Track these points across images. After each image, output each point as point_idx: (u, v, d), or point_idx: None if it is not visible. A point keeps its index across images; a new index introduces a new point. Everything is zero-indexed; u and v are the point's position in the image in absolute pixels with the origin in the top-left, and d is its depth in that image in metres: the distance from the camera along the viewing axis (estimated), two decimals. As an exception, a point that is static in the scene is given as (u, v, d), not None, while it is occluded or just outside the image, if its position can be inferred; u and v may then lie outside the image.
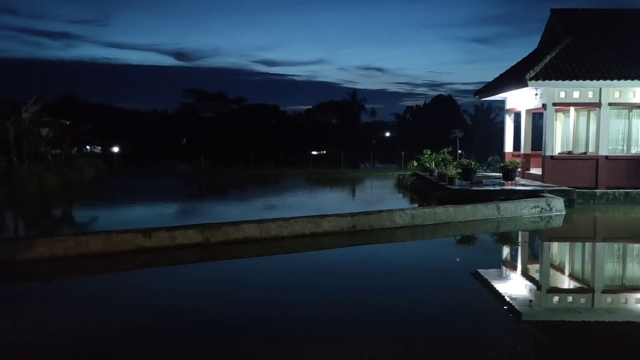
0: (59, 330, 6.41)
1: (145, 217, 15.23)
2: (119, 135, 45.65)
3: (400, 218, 13.48)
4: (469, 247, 12.73)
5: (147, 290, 8.27)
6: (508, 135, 25.95)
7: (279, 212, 15.69)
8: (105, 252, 10.18)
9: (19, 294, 8.47)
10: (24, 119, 24.35)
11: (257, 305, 7.40)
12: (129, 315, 6.97)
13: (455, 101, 64.31)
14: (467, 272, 9.67)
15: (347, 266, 9.95)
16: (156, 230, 10.77)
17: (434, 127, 53.14)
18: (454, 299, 7.71)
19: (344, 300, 7.62)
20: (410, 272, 9.53)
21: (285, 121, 62.90)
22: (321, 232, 12.29)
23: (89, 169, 29.69)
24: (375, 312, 7.08)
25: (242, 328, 6.46)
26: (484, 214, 14.91)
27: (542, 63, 19.64)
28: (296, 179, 31.80)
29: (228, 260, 10.74)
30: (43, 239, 10.04)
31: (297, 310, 7.19)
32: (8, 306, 7.63)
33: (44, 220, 16.61)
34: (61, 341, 6.06)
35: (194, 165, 39.51)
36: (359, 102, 65.55)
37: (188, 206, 19.76)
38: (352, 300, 7.62)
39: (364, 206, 16.69)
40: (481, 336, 6.17)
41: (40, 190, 21.98)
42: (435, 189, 19.30)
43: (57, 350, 5.80)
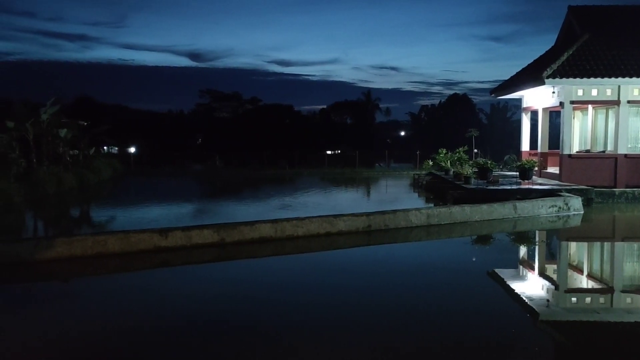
0: (77, 330, 6.48)
1: (161, 217, 15.36)
2: (135, 135, 46.08)
3: (415, 217, 13.42)
4: (485, 246, 12.64)
5: (163, 290, 8.33)
6: (525, 133, 25.71)
7: (294, 211, 15.72)
8: (122, 251, 10.28)
9: (38, 293, 8.59)
10: (43, 121, 24.68)
11: (272, 306, 7.41)
12: (146, 315, 7.04)
13: (471, 100, 64.02)
14: (483, 271, 9.60)
15: (362, 266, 9.94)
16: (172, 230, 10.86)
17: (449, 126, 52.90)
18: (470, 299, 7.66)
19: (359, 300, 7.61)
20: (426, 271, 9.49)
21: (299, 121, 63.02)
22: (336, 231, 12.28)
23: (106, 169, 30.01)
24: (391, 312, 7.06)
25: (256, 329, 6.48)
26: (501, 213, 14.79)
27: (559, 61, 19.44)
28: (311, 179, 31.82)
29: (243, 260, 10.79)
30: (62, 239, 10.16)
31: (312, 311, 7.19)
32: (28, 305, 7.73)
33: (63, 220, 16.82)
34: (79, 340, 6.13)
35: (209, 165, 39.74)
36: (374, 101, 65.47)
37: (203, 206, 19.87)
38: (367, 300, 7.61)
39: (379, 206, 16.65)
40: (498, 337, 6.12)
41: (59, 190, 22.26)
42: (451, 188, 19.19)
43: (74, 350, 5.87)
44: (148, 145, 46.48)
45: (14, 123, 23.07)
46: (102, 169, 29.06)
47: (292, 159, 40.15)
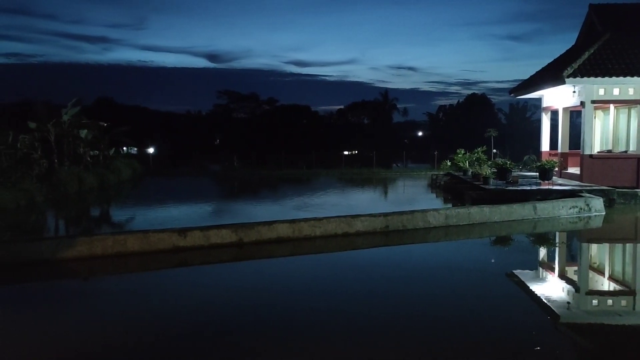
0: (95, 329, 6.56)
1: (180, 217, 15.49)
2: (154, 136, 46.55)
3: (433, 218, 13.35)
4: (504, 248, 12.53)
5: (181, 290, 8.40)
6: (545, 133, 25.40)
7: (312, 212, 15.73)
8: (142, 251, 10.39)
9: (59, 292, 8.72)
10: (64, 121, 25.06)
11: (289, 308, 7.42)
12: (163, 315, 7.10)
13: (489, 100, 63.49)
14: (502, 273, 9.51)
15: (379, 267, 9.91)
16: (191, 230, 10.94)
17: (468, 126, 52.50)
18: (489, 301, 7.60)
19: (376, 301, 7.59)
20: (444, 273, 9.43)
21: (317, 121, 63.05)
22: (354, 232, 12.27)
23: (126, 170, 30.33)
24: (408, 313, 7.03)
25: (272, 331, 6.50)
26: (520, 214, 14.63)
27: (580, 60, 19.17)
28: (328, 179, 31.82)
29: (261, 259, 10.82)
30: (83, 238, 10.31)
31: (329, 313, 7.19)
32: (49, 304, 7.86)
33: (84, 220, 17.05)
34: (97, 339, 6.20)
35: (227, 166, 39.96)
36: (391, 101, 65.21)
37: (221, 206, 19.99)
38: (384, 301, 7.58)
39: (396, 206, 16.59)
40: (518, 339, 6.06)
41: (80, 190, 22.57)
42: (469, 188, 19.04)
43: (91, 348, 5.94)
44: (167, 146, 46.90)
45: (36, 124, 23.47)
46: (121, 169, 29.38)
47: (309, 159, 40.18)
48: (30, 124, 23.31)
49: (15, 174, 18.61)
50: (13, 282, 9.11)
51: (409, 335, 6.18)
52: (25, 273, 9.40)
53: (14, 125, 22.66)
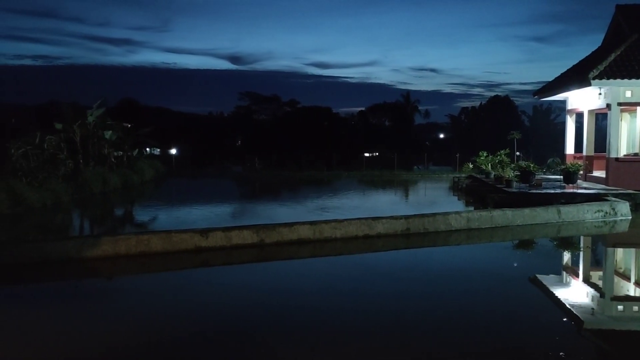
0: (117, 327, 6.66)
1: (202, 217, 15.64)
2: (176, 137, 47.02)
3: (455, 221, 13.25)
4: (527, 251, 12.38)
5: (203, 290, 8.48)
6: (569, 136, 25.03)
7: (332, 213, 15.74)
8: (165, 250, 10.52)
9: (84, 291, 8.88)
10: (89, 123, 25.48)
11: (309, 310, 7.44)
12: (185, 315, 7.18)
13: (513, 102, 62.70)
14: (525, 277, 9.41)
15: (400, 269, 9.88)
16: (213, 231, 11.04)
17: (490, 129, 52.01)
18: (512, 306, 7.52)
19: (397, 305, 7.56)
20: (465, 276, 9.35)
21: (337, 123, 63.02)
22: (375, 234, 12.24)
23: (149, 170, 30.71)
24: (429, 317, 6.99)
25: (291, 332, 6.53)
26: (544, 217, 14.44)
27: (606, 61, 18.85)
28: (349, 181, 31.80)
29: (282, 261, 10.87)
30: (107, 238, 10.47)
31: (349, 315, 7.19)
32: (74, 302, 8.00)
33: (108, 219, 17.32)
34: (118, 338, 6.30)
35: (249, 167, 40.20)
36: (413, 103, 64.90)
37: (243, 207, 20.12)
38: (405, 305, 7.56)
39: (417, 208, 16.51)
40: (541, 344, 5.98)
41: (104, 190, 22.93)
42: (491, 191, 18.86)
43: (113, 347, 6.03)
44: (189, 147, 47.35)
45: (62, 125, 23.92)
46: (145, 170, 29.75)
47: (330, 161, 40.21)
48: (56, 124, 23.77)
49: (42, 174, 18.99)
50: (40, 280, 9.30)
51: (430, 339, 6.15)
52: (52, 271, 9.59)
53: (40, 126, 23.15)
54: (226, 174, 37.62)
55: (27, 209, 16.54)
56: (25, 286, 9.06)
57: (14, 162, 18.95)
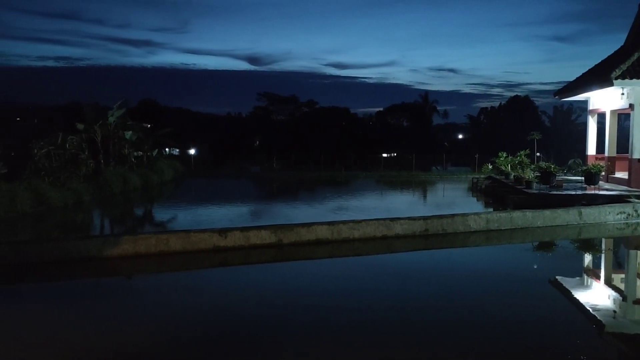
0: (135, 325, 6.74)
1: (220, 217, 15.75)
2: (195, 137, 47.41)
3: (474, 222, 13.15)
4: (547, 253, 12.23)
5: (222, 290, 8.55)
6: (591, 137, 24.67)
7: (350, 214, 15.73)
8: (184, 250, 10.62)
9: (105, 289, 9.02)
10: (110, 123, 25.81)
11: (327, 311, 7.45)
12: (203, 314, 7.24)
13: (533, 102, 61.97)
14: (545, 279, 9.31)
15: (418, 271, 9.85)
16: (231, 230, 11.11)
17: (510, 129, 51.49)
18: (532, 308, 7.44)
19: (415, 306, 7.54)
20: (484, 278, 9.28)
21: (355, 123, 62.96)
22: (393, 235, 12.21)
23: (168, 170, 31.00)
24: (448, 319, 6.96)
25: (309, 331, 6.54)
26: (565, 219, 14.26)
27: (629, 61, 18.53)
28: (367, 181, 31.73)
29: (300, 261, 10.90)
30: (127, 237, 10.61)
31: (366, 316, 7.19)
32: (94, 300, 8.12)
33: (128, 219, 17.53)
34: (135, 335, 6.37)
35: (267, 167, 40.35)
36: (431, 103, 64.54)
37: (261, 207, 20.20)
38: (424, 306, 7.53)
39: (436, 209, 16.42)
40: (562, 347, 5.92)
41: (124, 190, 23.20)
42: (511, 192, 18.68)
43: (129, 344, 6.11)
44: (208, 147, 47.70)
45: (84, 125, 24.27)
46: (164, 170, 30.03)
47: (348, 161, 40.19)
48: (78, 125, 24.13)
49: (64, 174, 19.30)
50: (63, 279, 9.45)
51: (449, 341, 6.12)
52: (74, 269, 9.74)
53: (62, 127, 23.51)
54: (244, 175, 37.79)
55: (49, 208, 16.81)
56: (49, 284, 9.21)
57: (37, 162, 19.28)
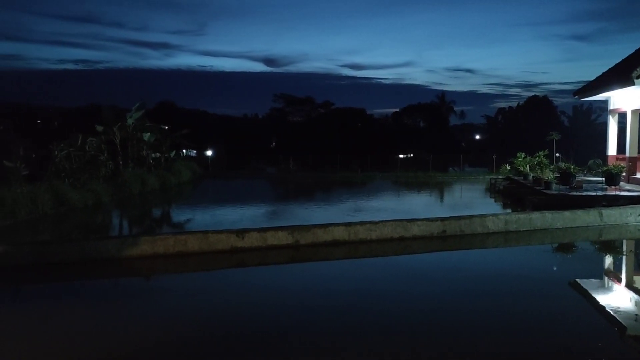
0: (153, 325, 6.80)
1: (237, 218, 15.83)
2: (212, 139, 47.73)
3: (492, 223, 13.04)
4: (567, 255, 12.08)
5: (239, 290, 8.58)
6: (611, 137, 24.32)
7: (367, 215, 15.70)
8: (201, 250, 10.69)
9: (123, 289, 9.11)
10: (129, 125, 26.10)
11: (345, 313, 7.44)
12: (220, 314, 7.27)
13: (552, 102, 61.32)
14: (565, 281, 9.19)
15: (436, 272, 9.79)
16: (249, 231, 11.16)
17: (528, 129, 51.02)
18: (551, 310, 7.35)
19: (433, 307, 7.50)
20: (503, 279, 9.20)
21: (372, 124, 62.87)
22: (410, 236, 12.16)
23: (185, 172, 31.25)
24: (467, 321, 6.91)
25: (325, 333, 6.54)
26: (585, 220, 14.08)
27: (650, 59, 18.26)
28: (383, 182, 31.65)
29: (317, 262, 10.90)
30: (146, 237, 10.71)
31: (385, 318, 7.16)
32: (113, 300, 8.21)
33: (146, 219, 17.69)
34: (153, 335, 6.43)
35: (283, 168, 40.48)
36: (448, 104, 64.27)
37: (278, 208, 20.25)
38: (442, 308, 7.48)
39: (453, 211, 16.32)
40: (583, 350, 5.84)
41: (143, 191, 23.43)
42: (530, 193, 18.50)
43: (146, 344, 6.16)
44: (224, 149, 47.99)
45: (103, 127, 24.56)
46: (181, 171, 30.28)
47: (365, 162, 40.15)
48: (97, 127, 24.42)
49: (83, 176, 19.56)
50: (82, 278, 9.56)
51: (468, 342, 6.07)
52: (93, 270, 9.86)
53: (82, 129, 23.82)
54: (261, 176, 37.95)
55: (69, 209, 17.04)
56: (69, 284, 9.34)
57: (57, 164, 19.57)
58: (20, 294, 8.73)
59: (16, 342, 6.13)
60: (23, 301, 8.25)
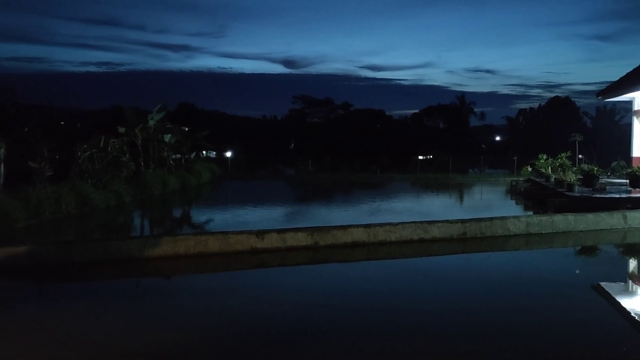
0: (172, 326, 6.87)
1: (257, 219, 15.90)
2: (231, 140, 48.05)
3: (514, 225, 12.91)
4: (590, 258, 11.91)
5: (259, 291, 8.62)
6: (636, 138, 23.90)
7: (386, 216, 15.66)
8: (221, 251, 10.76)
9: (144, 289, 9.21)
10: (150, 126, 26.39)
11: (364, 314, 7.44)
12: (239, 315, 7.31)
13: (574, 103, 60.50)
14: (588, 285, 9.06)
15: (456, 274, 9.71)
16: (268, 232, 11.21)
17: (550, 131, 50.40)
18: (574, 314, 7.26)
19: (453, 309, 7.45)
20: (525, 283, 9.09)
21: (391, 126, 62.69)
22: (430, 238, 12.10)
23: (205, 173, 31.46)
24: (486, 325, 6.85)
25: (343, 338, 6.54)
26: (609, 223, 13.86)
27: (676, 59, 17.91)
28: (402, 184, 31.53)
29: (336, 263, 10.90)
30: (167, 238, 10.82)
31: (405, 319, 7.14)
32: (134, 300, 8.31)
33: (167, 220, 17.87)
34: (171, 336, 6.49)
35: (302, 170, 40.53)
36: (468, 105, 63.82)
37: (297, 209, 20.30)
38: (462, 311, 7.42)
39: (474, 212, 16.18)
40: (607, 355, 5.75)
41: (164, 192, 23.67)
42: (552, 195, 18.26)
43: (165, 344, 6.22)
44: (244, 150, 48.27)
45: (125, 129, 24.87)
46: (202, 173, 30.50)
47: (384, 164, 40.05)
48: (119, 128, 24.74)
49: (106, 176, 19.83)
50: (105, 278, 9.70)
51: (490, 344, 6.02)
52: (116, 269, 9.99)
53: (104, 130, 24.15)
54: (280, 177, 38.07)
55: (92, 210, 17.29)
56: (92, 283, 9.48)
57: (81, 165, 19.87)
58: (45, 293, 8.89)
59: (40, 341, 6.24)
60: (47, 299, 8.41)
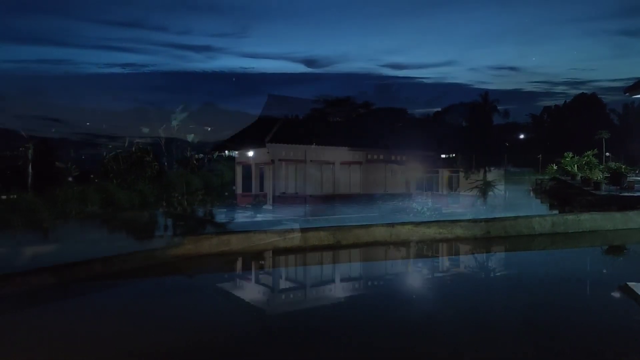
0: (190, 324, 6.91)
1: (278, 217, 15.93)
2: (254, 140, 48.16)
3: (539, 224, 12.70)
4: (618, 257, 11.65)
5: (279, 290, 8.63)
6: (665, 135, 23.36)
7: (409, 215, 15.55)
8: (244, 250, 10.80)
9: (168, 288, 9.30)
10: (173, 126, 26.70)
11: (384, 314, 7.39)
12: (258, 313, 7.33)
13: (601, 100, 59.36)
14: (615, 285, 8.86)
15: (479, 274, 9.60)
16: (290, 232, 11.22)
17: (576, 129, 49.56)
18: (602, 314, 7.10)
19: (475, 309, 7.35)
20: (550, 282, 8.93)
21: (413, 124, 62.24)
22: (453, 237, 11.97)
23: (228, 172, 31.69)
24: (510, 325, 6.74)
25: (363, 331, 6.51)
26: (637, 222, 13.54)
27: None
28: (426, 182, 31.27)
29: (358, 262, 10.87)
30: (191, 237, 10.90)
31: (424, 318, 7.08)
32: (156, 298, 8.39)
33: (190, 219, 18.02)
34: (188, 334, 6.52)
35: (324, 169, 40.48)
36: (491, 103, 62.88)
37: (319, 208, 20.28)
38: (484, 310, 7.33)
39: (498, 211, 15.98)
40: (634, 356, 5.62)
41: (187, 191, 23.89)
42: (578, 194, 17.94)
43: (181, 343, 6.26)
44: (266, 149, 48.33)
45: (149, 129, 25.21)
46: (224, 172, 30.73)
47: (406, 163, 39.72)
48: (143, 129, 25.08)
49: (130, 176, 20.10)
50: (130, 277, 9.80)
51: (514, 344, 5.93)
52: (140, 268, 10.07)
53: (129, 131, 24.53)
54: (302, 176, 38.08)
55: (117, 208, 17.53)
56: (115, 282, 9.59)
57: (106, 165, 20.18)
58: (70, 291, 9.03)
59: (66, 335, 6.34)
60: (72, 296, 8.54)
